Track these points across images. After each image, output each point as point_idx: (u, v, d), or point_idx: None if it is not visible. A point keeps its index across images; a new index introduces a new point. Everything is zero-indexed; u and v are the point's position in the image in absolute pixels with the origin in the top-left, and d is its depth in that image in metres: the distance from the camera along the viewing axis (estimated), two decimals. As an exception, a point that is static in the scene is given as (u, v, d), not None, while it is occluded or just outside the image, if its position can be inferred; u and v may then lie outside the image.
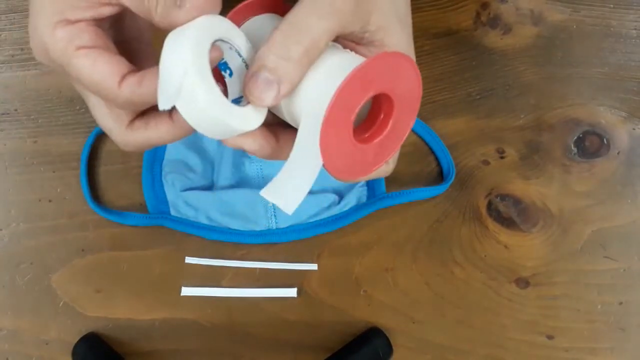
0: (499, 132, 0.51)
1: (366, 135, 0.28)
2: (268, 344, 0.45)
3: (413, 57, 0.30)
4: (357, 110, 0.25)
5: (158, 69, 0.25)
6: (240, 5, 0.30)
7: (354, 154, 0.27)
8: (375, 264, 0.47)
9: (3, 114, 0.48)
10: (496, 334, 0.46)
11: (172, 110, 0.27)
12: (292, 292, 0.46)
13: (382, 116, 0.28)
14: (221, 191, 0.46)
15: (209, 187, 0.47)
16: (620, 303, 0.47)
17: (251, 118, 0.27)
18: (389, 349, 0.44)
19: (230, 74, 0.28)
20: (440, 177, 0.49)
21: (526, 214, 0.49)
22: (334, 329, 0.45)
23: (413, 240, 0.48)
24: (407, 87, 0.27)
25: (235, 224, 0.46)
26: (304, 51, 0.25)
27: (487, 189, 0.49)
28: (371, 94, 0.26)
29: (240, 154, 0.47)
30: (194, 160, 0.47)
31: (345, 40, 0.29)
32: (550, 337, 0.46)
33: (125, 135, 0.28)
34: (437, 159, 0.49)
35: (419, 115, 0.50)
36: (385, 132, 0.28)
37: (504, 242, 0.48)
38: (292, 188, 0.27)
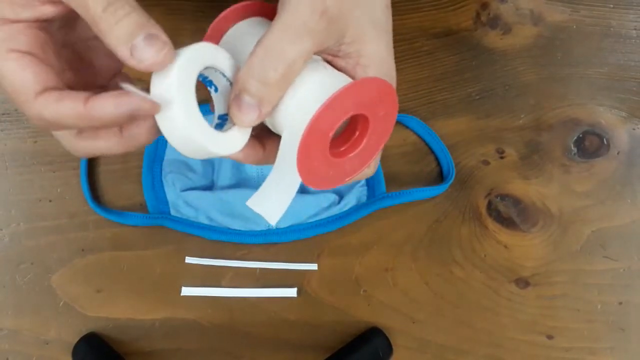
0: (498, 132, 0.51)
1: (341, 150, 0.29)
2: (268, 344, 0.45)
3: (392, 62, 0.31)
4: (333, 132, 0.27)
5: (85, 95, 0.25)
6: (225, 12, 0.30)
7: (330, 168, 0.28)
8: (375, 263, 0.47)
9: (3, 114, 0.48)
10: (496, 333, 0.46)
11: (123, 126, 0.27)
12: (292, 292, 0.46)
13: (357, 133, 0.29)
14: (221, 191, 0.46)
15: (209, 187, 0.47)
16: (620, 303, 0.47)
17: (233, 143, 0.28)
18: (388, 348, 0.44)
19: (216, 90, 0.29)
20: (440, 177, 0.49)
21: (526, 214, 0.49)
22: (334, 328, 0.45)
23: (413, 240, 0.48)
24: (385, 109, 0.29)
25: (235, 224, 0.46)
26: (280, 76, 0.26)
27: (486, 189, 0.49)
28: (348, 115, 0.27)
29: (241, 154, 0.47)
30: (194, 160, 0.47)
31: (322, 54, 0.29)
32: (550, 337, 0.46)
33: (73, 142, 0.28)
34: (437, 159, 0.50)
35: (418, 115, 0.50)
36: (359, 148, 0.29)
37: (503, 242, 0.48)
38: (275, 199, 0.29)
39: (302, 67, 0.27)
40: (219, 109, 0.30)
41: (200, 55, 0.26)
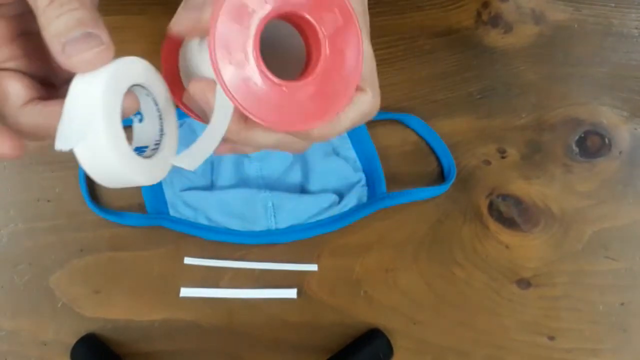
0: (500, 131, 0.50)
1: (300, 76, 0.25)
2: (268, 345, 0.45)
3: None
4: (254, 36, 0.23)
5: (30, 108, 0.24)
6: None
7: (286, 97, 0.23)
8: (375, 264, 0.47)
9: (1, 113, 0.48)
10: (497, 334, 0.46)
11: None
12: (292, 293, 0.46)
13: (310, 48, 0.25)
14: (220, 191, 0.46)
15: (208, 187, 0.47)
16: (622, 304, 0.47)
17: (157, 171, 0.26)
18: (389, 350, 0.44)
19: (141, 120, 0.27)
20: (441, 177, 0.49)
21: (527, 214, 0.49)
22: (334, 330, 0.45)
23: (414, 240, 0.47)
24: (336, 17, 0.24)
25: (234, 224, 0.46)
26: None
27: (488, 189, 0.49)
28: (275, 11, 0.23)
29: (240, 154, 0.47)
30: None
31: None
32: (551, 338, 0.46)
33: (16, 110, 0.26)
34: (437, 158, 0.49)
35: (419, 115, 0.50)
36: (316, 72, 0.24)
37: (505, 242, 0.48)
38: (200, 151, 0.25)
39: None
40: (139, 139, 0.27)
41: (133, 70, 0.24)
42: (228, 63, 0.22)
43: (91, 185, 0.47)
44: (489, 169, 0.49)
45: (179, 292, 0.45)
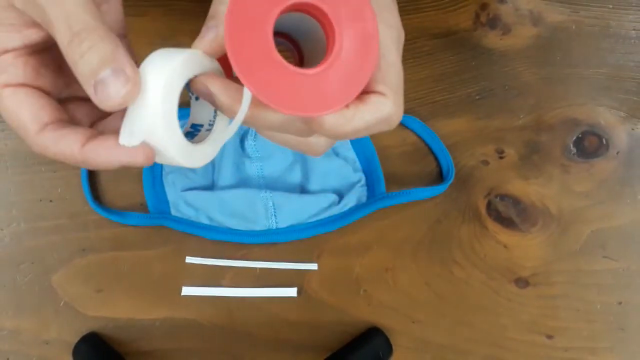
0: (498, 132, 0.51)
1: (316, 65, 0.25)
2: (268, 344, 0.45)
3: (391, 6, 0.28)
4: (272, 22, 0.23)
5: (83, 135, 0.24)
6: None
7: (300, 83, 0.24)
8: (375, 263, 0.47)
9: (4, 114, 0.48)
10: (496, 333, 0.46)
11: (87, 143, 0.26)
12: (292, 292, 0.46)
13: (328, 40, 0.25)
14: (221, 191, 0.46)
15: (210, 187, 0.47)
16: (620, 303, 0.47)
17: (204, 156, 0.28)
18: (389, 348, 0.44)
19: (197, 98, 0.28)
20: (439, 177, 0.49)
21: (525, 214, 0.49)
22: (334, 328, 0.46)
23: (413, 240, 0.48)
24: (350, 7, 0.24)
25: (235, 224, 0.46)
26: None
27: (486, 189, 0.49)
28: (286, 3, 0.23)
29: (241, 154, 0.47)
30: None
31: None
32: (549, 337, 0.46)
33: (34, 138, 0.26)
34: (436, 159, 0.50)
35: (418, 115, 0.50)
36: (332, 57, 0.24)
37: (503, 242, 0.48)
38: (221, 131, 0.28)
39: None
40: (194, 117, 0.29)
41: (189, 64, 0.25)
42: (244, 52, 0.23)
43: (93, 185, 0.47)
44: (487, 169, 0.50)
45: (180, 291, 0.45)
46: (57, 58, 0.27)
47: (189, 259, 0.46)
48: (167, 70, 0.24)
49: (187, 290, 0.45)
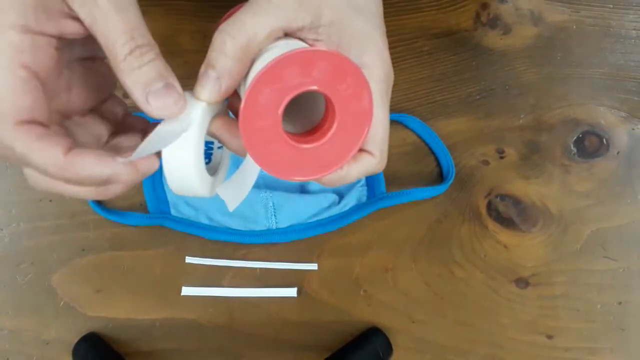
0: (498, 132, 0.51)
1: (312, 135, 0.28)
2: (268, 344, 0.45)
3: (379, 48, 0.30)
4: (281, 108, 0.25)
5: (66, 144, 0.24)
6: (228, 14, 0.30)
7: (297, 154, 0.27)
8: (375, 264, 0.47)
9: (3, 114, 0.48)
10: (496, 333, 0.46)
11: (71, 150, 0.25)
12: (292, 292, 0.46)
13: (327, 114, 0.27)
14: (221, 191, 0.46)
15: (209, 187, 0.47)
16: (620, 303, 0.47)
17: (217, 185, 0.30)
18: (388, 348, 0.44)
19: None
20: (440, 177, 0.49)
21: (526, 214, 0.49)
22: (334, 328, 0.46)
23: (413, 240, 0.48)
24: (349, 88, 0.26)
25: (235, 224, 0.46)
26: (239, 46, 0.26)
27: (486, 189, 0.49)
28: (297, 91, 0.25)
29: (241, 154, 0.47)
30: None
31: (305, 39, 0.29)
32: (549, 337, 0.46)
33: (38, 177, 0.26)
34: (437, 159, 0.50)
35: (418, 115, 0.50)
36: (330, 133, 0.27)
37: (503, 242, 0.48)
38: (236, 187, 0.29)
39: (268, 42, 0.27)
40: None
41: (210, 112, 0.27)
42: (255, 137, 0.25)
43: (93, 185, 0.47)
44: (487, 169, 0.50)
45: (180, 291, 0.45)
46: (63, 61, 0.27)
47: (189, 259, 0.46)
48: (198, 112, 0.26)
49: (187, 290, 0.45)
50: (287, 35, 0.28)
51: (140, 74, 0.25)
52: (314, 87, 0.25)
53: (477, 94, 0.51)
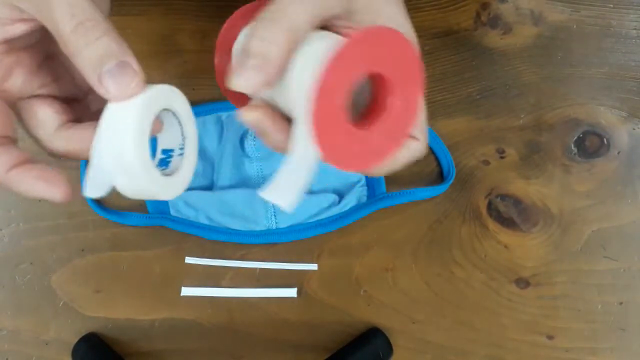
0: (499, 132, 0.50)
1: (367, 121, 0.27)
2: (268, 344, 0.45)
3: (410, 27, 0.30)
4: (346, 94, 0.24)
5: (15, 159, 0.25)
6: (230, 19, 0.30)
7: (356, 142, 0.26)
8: (375, 264, 0.47)
9: (3, 114, 0.48)
10: (496, 334, 0.46)
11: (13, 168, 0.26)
12: (292, 292, 0.46)
13: (380, 97, 0.27)
14: (221, 191, 0.46)
15: (209, 187, 0.47)
16: (621, 303, 0.47)
17: (176, 187, 0.28)
18: (389, 349, 0.44)
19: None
20: (440, 177, 0.49)
21: (526, 214, 0.49)
22: (334, 329, 0.45)
23: (413, 240, 0.48)
24: (402, 62, 0.26)
25: (235, 224, 0.46)
26: (284, 34, 0.24)
27: (487, 189, 0.49)
28: (360, 74, 0.25)
29: (240, 154, 0.47)
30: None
31: (340, 28, 0.28)
32: (550, 337, 0.46)
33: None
34: (437, 159, 0.49)
35: (419, 115, 0.50)
36: (386, 114, 0.26)
37: (504, 242, 0.48)
38: (291, 186, 0.27)
39: (307, 30, 0.25)
40: (163, 143, 0.29)
41: (161, 97, 0.25)
42: (320, 120, 0.24)
43: (92, 185, 0.47)
44: (488, 169, 0.50)
45: (179, 291, 0.45)
46: (37, 57, 0.27)
47: (189, 259, 0.46)
48: (139, 104, 0.24)
49: (186, 291, 0.45)
50: (322, 28, 0.27)
51: (89, 53, 0.23)
52: (378, 70, 0.25)
53: (477, 93, 0.51)
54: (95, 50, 0.23)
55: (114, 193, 0.47)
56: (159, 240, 0.46)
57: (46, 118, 0.27)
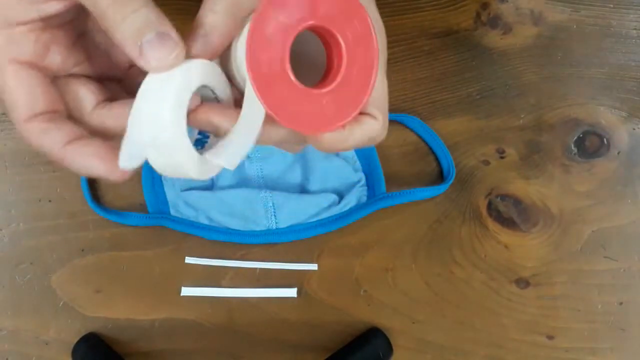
0: (499, 132, 0.51)
1: (322, 84, 0.26)
2: (268, 344, 0.45)
3: (377, 18, 0.29)
4: (286, 46, 0.24)
5: (69, 134, 0.24)
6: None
7: (305, 102, 0.25)
8: (375, 264, 0.47)
9: (3, 113, 0.48)
10: (496, 334, 0.46)
11: (69, 143, 0.25)
12: (292, 292, 0.46)
13: (335, 63, 0.26)
14: (221, 191, 0.46)
15: (209, 187, 0.47)
16: (620, 303, 0.47)
17: (209, 167, 0.27)
18: (389, 349, 0.44)
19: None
20: (440, 177, 0.49)
21: (526, 214, 0.49)
22: (334, 329, 0.45)
23: (413, 240, 0.48)
24: (354, 31, 0.25)
25: (235, 224, 0.46)
26: (229, 1, 0.24)
27: (487, 189, 0.49)
28: (303, 25, 0.24)
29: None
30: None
31: None
32: (550, 338, 0.46)
33: (21, 124, 0.26)
34: (437, 159, 0.49)
35: (419, 115, 0.50)
36: (339, 80, 0.25)
37: (504, 242, 0.48)
38: (238, 147, 0.26)
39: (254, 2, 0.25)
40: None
41: (200, 72, 0.25)
42: (261, 71, 0.23)
43: (92, 185, 0.47)
44: (488, 169, 0.50)
45: (179, 291, 0.45)
46: (71, 35, 0.27)
47: (189, 259, 0.46)
48: (177, 74, 0.24)
49: (186, 291, 0.45)
50: None
51: (127, 25, 0.23)
52: (322, 24, 0.24)
53: (477, 93, 0.51)
54: (134, 21, 0.23)
55: (113, 193, 0.47)
56: (159, 240, 0.46)
57: (84, 96, 0.27)
